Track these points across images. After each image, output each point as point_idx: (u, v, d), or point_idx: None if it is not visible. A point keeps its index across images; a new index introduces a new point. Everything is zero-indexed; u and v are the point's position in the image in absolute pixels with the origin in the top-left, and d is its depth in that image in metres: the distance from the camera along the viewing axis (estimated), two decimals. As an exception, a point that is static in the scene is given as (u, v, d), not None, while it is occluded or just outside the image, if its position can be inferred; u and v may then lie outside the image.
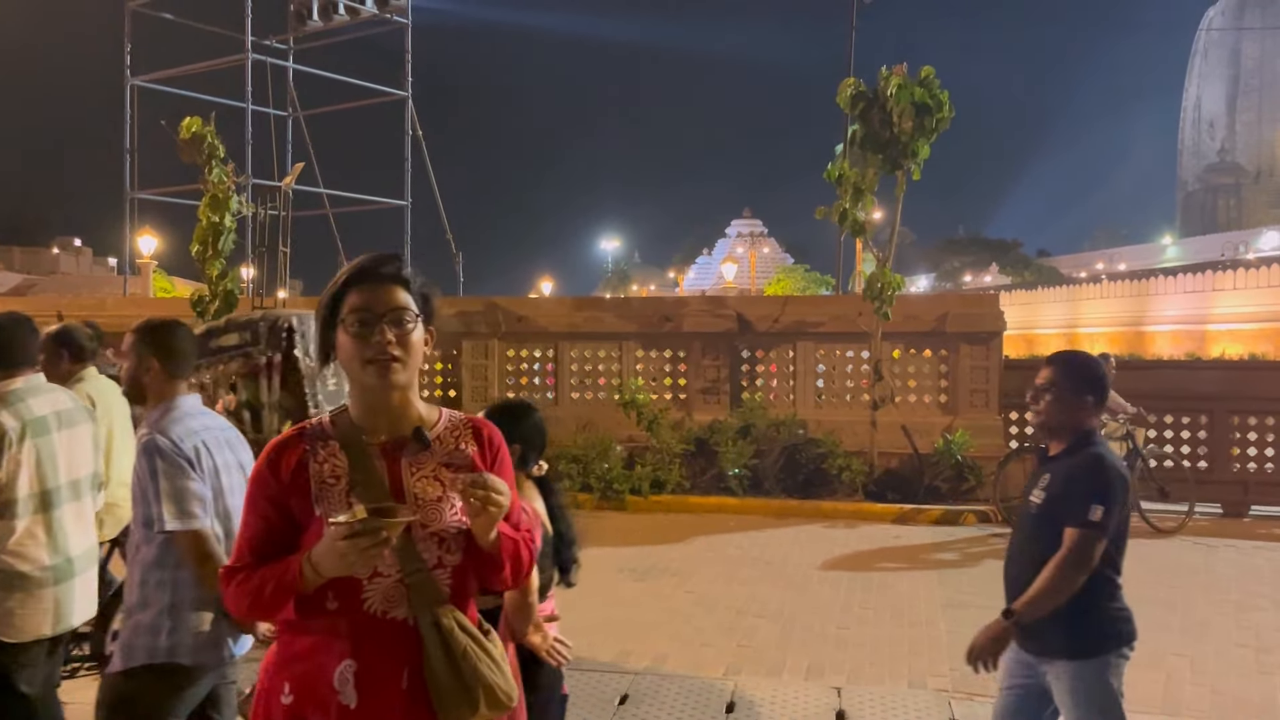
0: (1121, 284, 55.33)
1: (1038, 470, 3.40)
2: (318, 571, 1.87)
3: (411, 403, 2.06)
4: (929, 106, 10.68)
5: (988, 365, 11.71)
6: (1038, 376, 3.37)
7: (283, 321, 6.61)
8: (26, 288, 52.09)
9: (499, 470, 2.13)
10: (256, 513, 2.00)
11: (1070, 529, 3.13)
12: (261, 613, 1.99)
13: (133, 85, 23.56)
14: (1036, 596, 3.14)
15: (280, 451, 2.02)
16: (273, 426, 6.52)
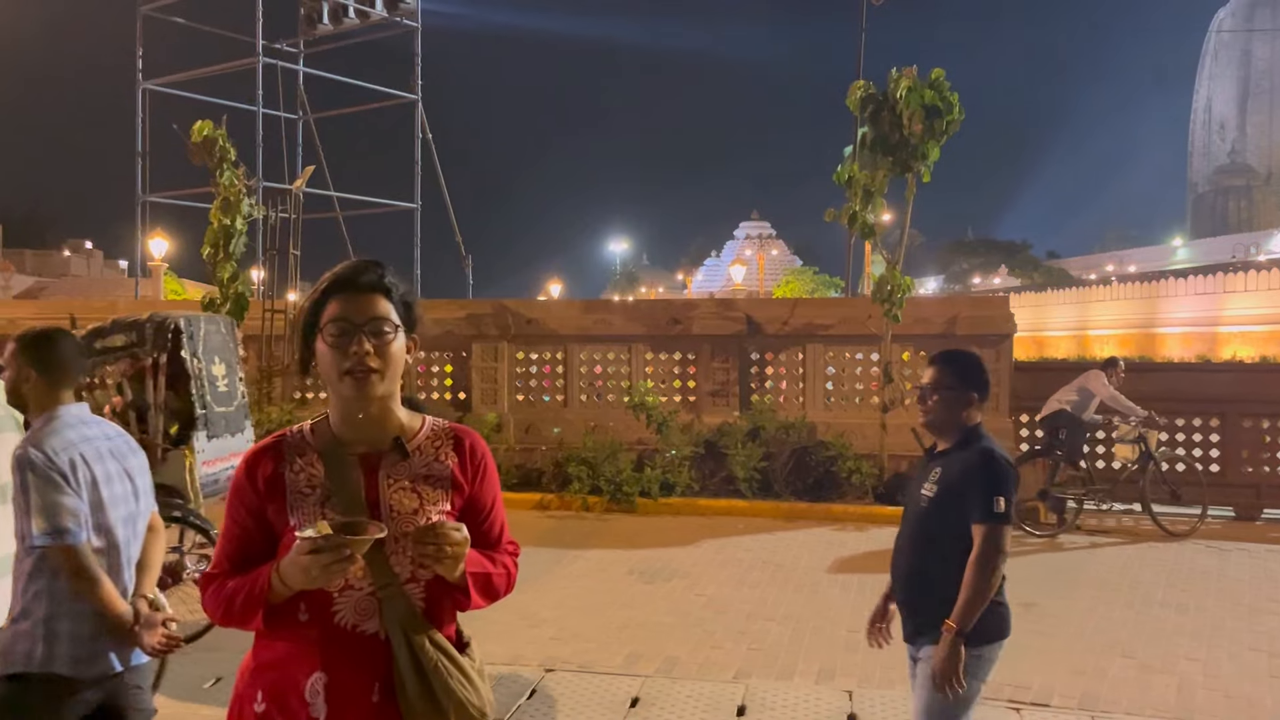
0: (1131, 286, 55.18)
1: (927, 465, 3.48)
2: (285, 584, 1.86)
3: (392, 412, 2.03)
4: (939, 109, 10.66)
5: (998, 368, 11.66)
6: (924, 376, 3.46)
7: (169, 322, 6.61)
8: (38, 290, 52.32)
9: (481, 480, 2.10)
10: (234, 521, 1.99)
11: (978, 525, 3.21)
12: (235, 622, 1.95)
13: (144, 89, 23.68)
14: (968, 601, 3.18)
15: (258, 459, 2.00)
16: (158, 427, 6.53)
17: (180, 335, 6.63)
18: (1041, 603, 7.32)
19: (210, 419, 6.82)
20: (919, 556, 3.38)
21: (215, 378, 6.93)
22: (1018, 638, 6.33)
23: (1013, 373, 11.70)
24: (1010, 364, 11.75)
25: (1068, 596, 7.55)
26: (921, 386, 3.44)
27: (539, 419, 12.58)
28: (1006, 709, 5.25)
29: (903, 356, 11.85)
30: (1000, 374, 11.64)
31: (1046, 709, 5.27)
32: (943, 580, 3.27)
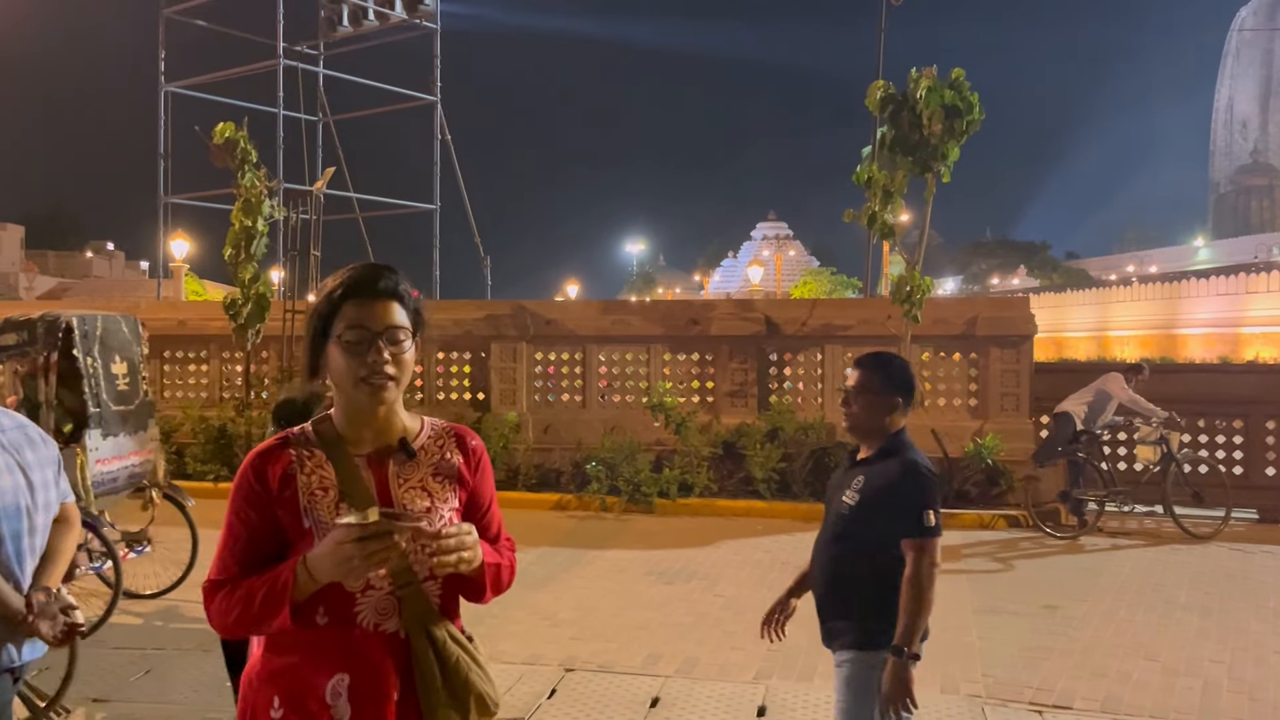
0: (1152, 286, 54.76)
1: (849, 472, 3.42)
2: (313, 576, 1.83)
3: (396, 413, 2.03)
4: (959, 109, 10.62)
5: (1018, 369, 11.62)
6: (847, 379, 3.41)
7: (60, 321, 6.66)
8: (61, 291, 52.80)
9: (481, 477, 2.12)
10: (243, 522, 1.96)
11: (910, 541, 3.17)
12: (250, 624, 1.90)
13: (167, 91, 23.86)
14: (911, 617, 3.14)
15: (265, 460, 1.98)
16: (49, 425, 6.56)
17: (72, 334, 6.69)
18: (1063, 605, 7.29)
19: (105, 417, 6.87)
20: (835, 562, 3.34)
21: (115, 376, 6.96)
22: (1040, 640, 6.37)
23: (1033, 374, 11.65)
24: (1030, 365, 11.69)
25: (1090, 599, 7.51)
26: (845, 389, 3.40)
27: (557, 419, 12.61)
28: (1029, 711, 5.23)
29: (922, 357, 11.81)
30: (1020, 375, 11.60)
31: (1069, 712, 5.25)
32: (856, 587, 3.25)
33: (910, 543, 3.17)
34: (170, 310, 15.48)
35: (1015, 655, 6.14)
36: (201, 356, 14.00)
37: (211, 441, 12.49)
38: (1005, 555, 9.14)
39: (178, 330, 14.01)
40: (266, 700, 1.96)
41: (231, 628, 1.94)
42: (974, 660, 6.05)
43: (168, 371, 14.08)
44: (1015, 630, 6.69)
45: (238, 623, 1.92)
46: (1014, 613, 7.13)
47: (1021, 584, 7.99)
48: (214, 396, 13.70)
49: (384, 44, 26.05)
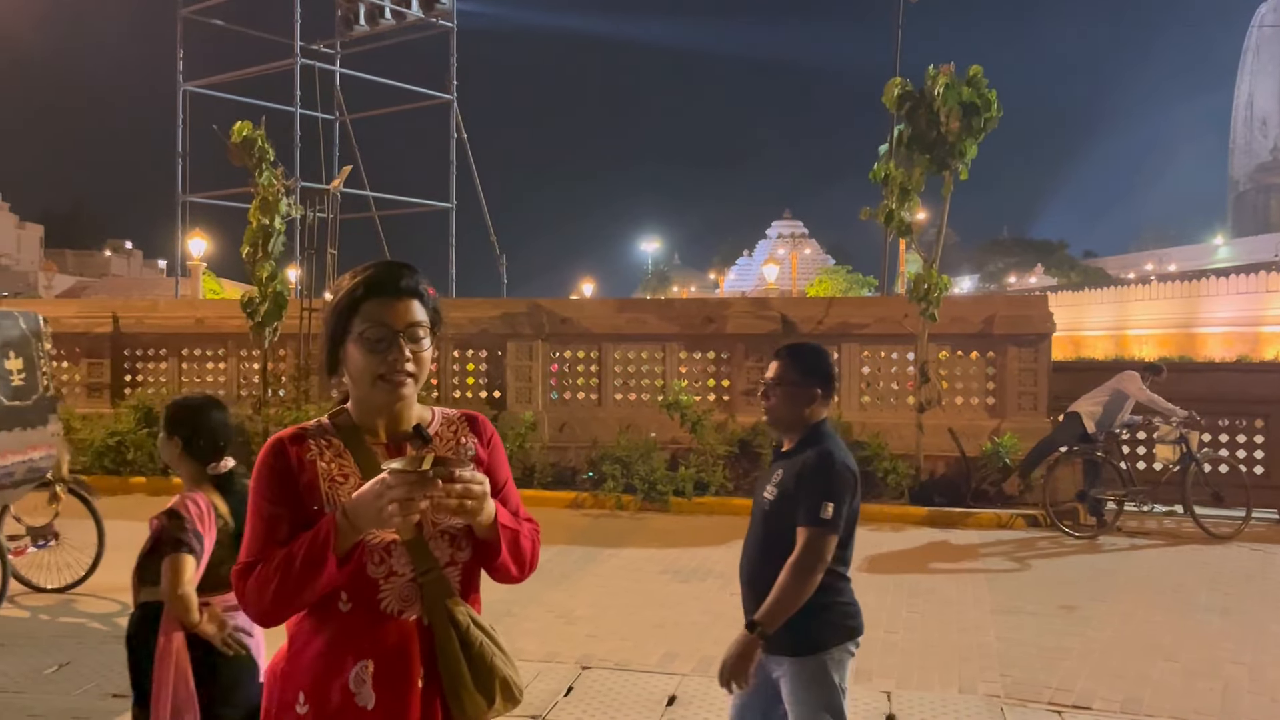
0: (1171, 285, 54.36)
1: (771, 466, 3.38)
2: (354, 524, 1.82)
3: (410, 405, 2.06)
4: (977, 106, 10.57)
5: (1036, 368, 11.56)
6: (767, 371, 3.35)
7: None
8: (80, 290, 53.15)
9: (495, 456, 2.14)
10: (270, 501, 1.95)
11: (802, 528, 3.10)
12: (293, 589, 1.85)
13: (184, 90, 23.99)
14: (776, 603, 3.10)
15: (286, 444, 1.99)
16: None
17: None
18: (1082, 605, 7.25)
19: None
20: (759, 560, 3.28)
21: (9, 372, 6.97)
22: (1059, 640, 6.33)
23: (1051, 373, 11.59)
24: (1048, 364, 11.63)
25: (1108, 599, 7.46)
26: (764, 381, 3.34)
27: (573, 418, 12.61)
28: (1048, 712, 5.20)
29: (939, 356, 11.77)
30: (1038, 374, 11.54)
31: (1088, 712, 5.21)
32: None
33: (802, 530, 3.10)
34: (188, 308, 15.56)
35: (1034, 655, 6.10)
36: (219, 355, 14.07)
37: (229, 439, 12.53)
38: (1023, 555, 9.09)
39: (195, 328, 14.09)
40: (292, 697, 1.97)
41: (271, 602, 1.88)
42: (992, 660, 6.02)
43: (186, 369, 14.17)
44: (1033, 630, 6.65)
45: (279, 592, 1.86)
46: (1032, 613, 7.09)
47: (1039, 584, 7.95)
48: (231, 394, 13.76)
49: (400, 43, 26.13)
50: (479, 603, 2.10)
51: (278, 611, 1.92)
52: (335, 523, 1.84)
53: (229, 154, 12.65)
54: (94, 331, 14.21)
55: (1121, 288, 60.36)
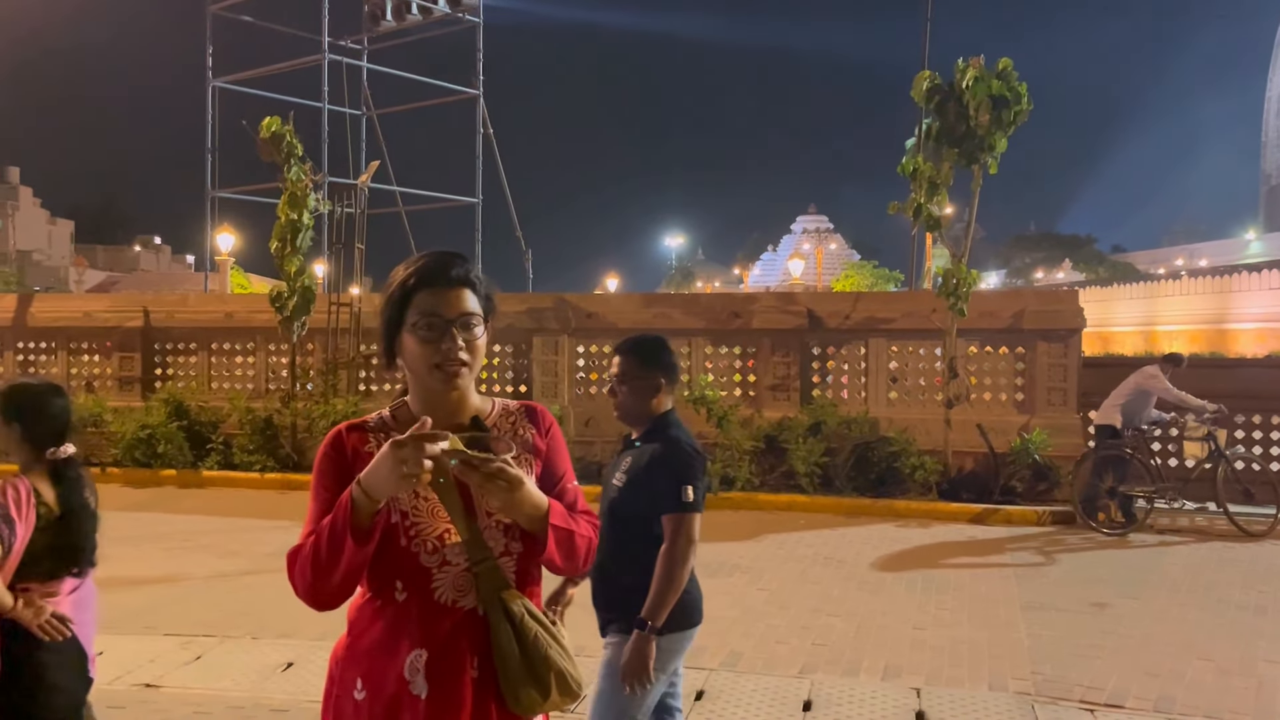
0: (1202, 280, 53.71)
1: (619, 456, 3.44)
2: (369, 494, 1.81)
3: (469, 395, 2.06)
4: (1006, 99, 10.49)
5: (1066, 363, 11.46)
6: (612, 366, 3.42)
7: None
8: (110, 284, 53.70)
9: (553, 449, 2.13)
10: (327, 490, 1.97)
11: (668, 516, 3.17)
12: (324, 568, 1.86)
13: (213, 86, 24.16)
14: (659, 594, 3.12)
15: (346, 435, 2.02)
16: None
17: None
18: (1114, 603, 7.18)
19: None
20: (607, 548, 3.34)
21: None
22: (1091, 638, 6.27)
23: (1081, 368, 11.48)
24: (1078, 359, 11.53)
25: (1140, 597, 7.39)
26: (611, 377, 3.42)
27: (599, 412, 12.62)
28: (1080, 710, 5.15)
29: (968, 351, 11.68)
30: (1068, 369, 11.44)
31: (1121, 710, 5.16)
32: (626, 570, 3.21)
33: (668, 518, 3.17)
34: (218, 303, 15.69)
35: (1065, 653, 6.05)
36: (248, 348, 14.18)
37: (258, 433, 12.64)
38: (1053, 551, 9.01)
39: (225, 323, 14.21)
40: (350, 683, 1.98)
41: (312, 583, 1.89)
42: (1022, 657, 5.97)
43: (215, 363, 14.29)
44: (1064, 627, 6.60)
45: (315, 572, 1.88)
46: (1063, 609, 7.03)
47: (1070, 581, 7.88)
48: (260, 388, 13.87)
49: (427, 38, 26.19)
50: (539, 594, 2.09)
51: (318, 592, 1.91)
52: (351, 495, 1.85)
53: (258, 149, 12.74)
54: (125, 326, 14.35)
55: (1151, 283, 59.74)
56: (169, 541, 9.11)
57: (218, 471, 12.44)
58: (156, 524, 9.98)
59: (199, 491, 11.92)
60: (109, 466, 12.73)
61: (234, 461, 12.53)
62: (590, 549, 2.09)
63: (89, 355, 14.72)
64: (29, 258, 61.75)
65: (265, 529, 9.72)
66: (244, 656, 5.81)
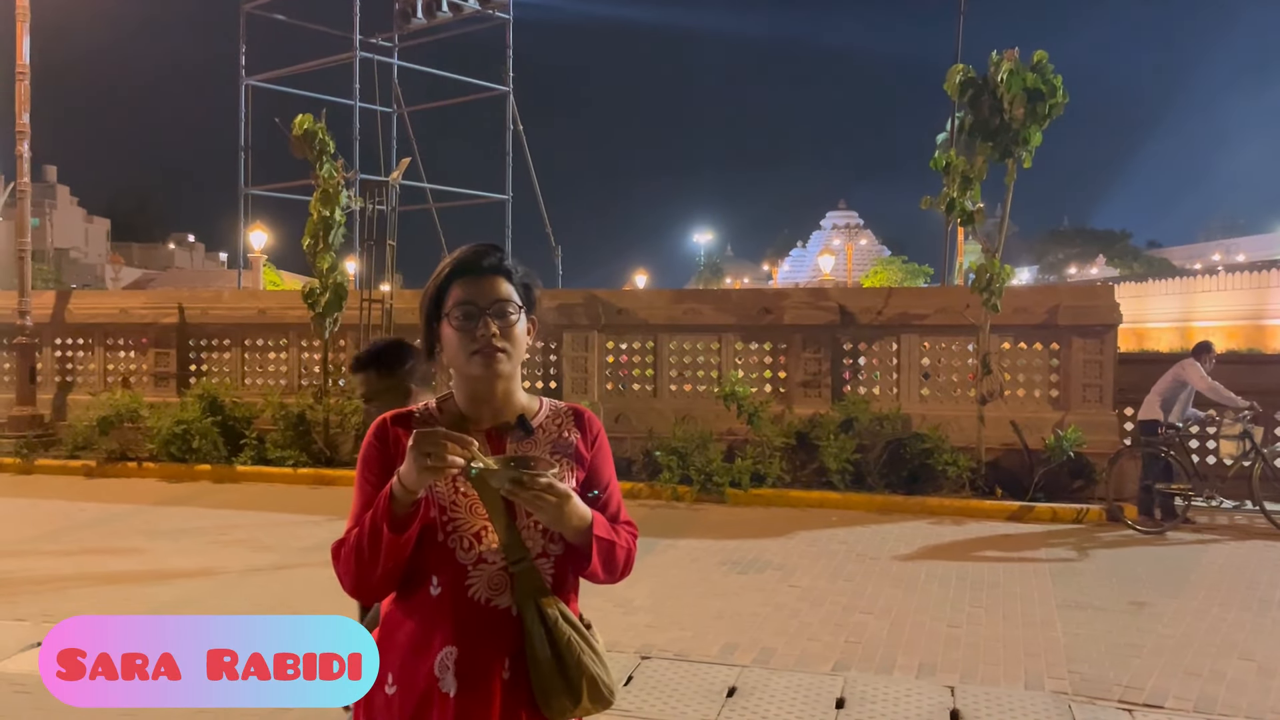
0: (1240, 275, 52.92)
1: None
2: (405, 485, 1.84)
3: (514, 393, 2.07)
4: (1041, 92, 10.36)
5: (1101, 359, 11.32)
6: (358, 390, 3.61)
7: None
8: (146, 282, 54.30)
9: (599, 456, 2.13)
10: (370, 483, 1.99)
11: None
12: (366, 559, 1.88)
13: (247, 85, 24.37)
14: None
15: (390, 427, 2.03)
16: None
17: None
18: (1153, 602, 7.08)
19: None
20: None
21: None
22: (1129, 637, 6.19)
23: (1117, 364, 11.34)
24: (1114, 355, 11.38)
25: (1179, 596, 7.28)
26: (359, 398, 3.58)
27: (629, 408, 12.61)
28: (1118, 710, 5.08)
29: (1002, 347, 11.57)
30: (1104, 365, 11.29)
31: (1160, 711, 5.08)
32: None
33: None
34: (251, 299, 15.82)
35: (1103, 652, 5.97)
36: (281, 345, 14.28)
37: (291, 428, 12.74)
38: (1089, 549, 8.91)
39: (258, 319, 14.32)
40: (383, 676, 1.97)
41: (355, 574, 1.92)
42: (1059, 656, 5.90)
43: (248, 359, 14.41)
44: (1102, 626, 6.51)
45: (358, 564, 1.90)
46: (1100, 608, 6.95)
47: (1106, 579, 7.78)
48: (293, 384, 13.98)
49: (457, 35, 26.28)
50: (575, 599, 2.08)
51: (362, 584, 1.94)
52: (390, 487, 1.87)
53: (291, 146, 12.82)
54: (161, 322, 14.51)
55: (1187, 278, 58.94)
56: (204, 536, 9.20)
57: (252, 467, 12.54)
58: (192, 518, 10.09)
59: (233, 486, 12.03)
60: (145, 461, 12.89)
61: (268, 457, 12.63)
62: (629, 559, 2.10)
63: (125, 351, 14.89)
64: (66, 255, 62.62)
65: (298, 524, 9.80)
66: (279, 650, 5.84)
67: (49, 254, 58.56)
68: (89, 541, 8.99)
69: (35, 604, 6.79)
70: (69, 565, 7.94)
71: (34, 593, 7.08)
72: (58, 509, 10.52)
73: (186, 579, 7.56)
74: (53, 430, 14.17)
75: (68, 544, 8.82)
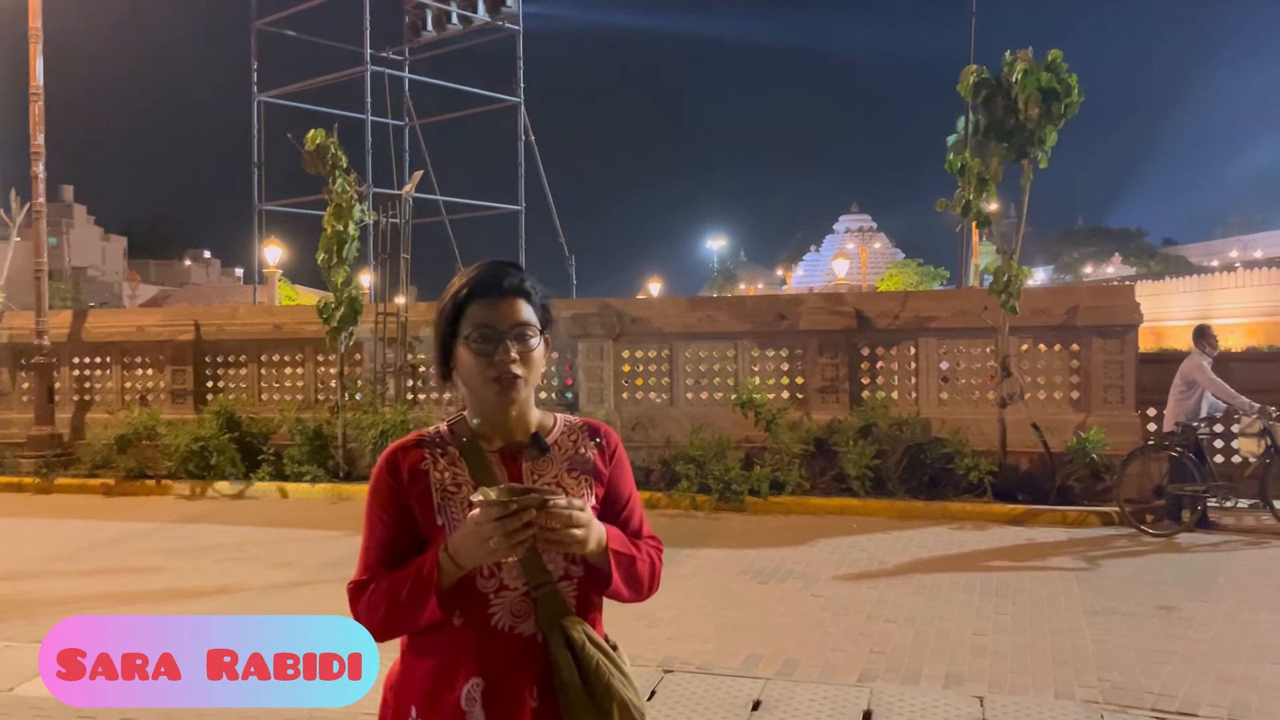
0: (1258, 272, 52.46)
1: None
2: (456, 562, 1.80)
3: (528, 411, 2.01)
4: (1056, 92, 10.29)
5: (1122, 360, 11.20)
6: None
7: None
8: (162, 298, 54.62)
9: (618, 471, 2.07)
10: (382, 521, 1.95)
11: None
12: (400, 619, 1.87)
13: (259, 101, 24.48)
14: None
15: (399, 456, 1.97)
16: None
17: None
18: (1181, 606, 6.97)
19: None
20: None
21: None
22: (1158, 643, 6.09)
23: (1138, 365, 11.21)
24: (1135, 355, 11.26)
25: (1207, 599, 7.17)
26: None
27: (645, 417, 12.56)
28: (1151, 718, 4.99)
29: (1021, 349, 11.46)
30: (1125, 366, 11.18)
31: (1194, 719, 4.99)
32: None
33: None
34: (266, 315, 15.85)
35: (1132, 659, 5.87)
36: (297, 360, 14.30)
37: (308, 443, 12.73)
38: (1114, 553, 8.80)
39: (274, 334, 14.35)
40: (404, 711, 1.93)
41: (381, 625, 1.90)
42: (1089, 664, 5.81)
43: (264, 375, 14.43)
44: (1130, 632, 6.41)
45: (387, 619, 1.88)
46: (1128, 613, 6.84)
47: (1133, 583, 7.68)
48: (309, 399, 13.98)
49: (467, 47, 26.36)
50: (600, 621, 2.01)
51: (388, 634, 1.92)
52: (438, 561, 1.83)
53: (304, 161, 12.84)
54: (177, 339, 14.55)
55: (1205, 275, 58.47)
56: (223, 553, 9.19)
57: (269, 482, 12.55)
58: (211, 535, 10.09)
59: (251, 502, 12.04)
60: (163, 479, 12.91)
61: (285, 472, 12.63)
62: (655, 574, 2.03)
63: (142, 369, 14.94)
64: (84, 274, 63.01)
65: (317, 539, 9.78)
66: None
67: (66, 273, 58.95)
68: (108, 561, 9.00)
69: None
70: (89, 585, 7.94)
71: (54, 614, 7.07)
72: (77, 528, 10.54)
73: (206, 597, 7.54)
74: (71, 449, 14.22)
75: (87, 564, 8.82)
